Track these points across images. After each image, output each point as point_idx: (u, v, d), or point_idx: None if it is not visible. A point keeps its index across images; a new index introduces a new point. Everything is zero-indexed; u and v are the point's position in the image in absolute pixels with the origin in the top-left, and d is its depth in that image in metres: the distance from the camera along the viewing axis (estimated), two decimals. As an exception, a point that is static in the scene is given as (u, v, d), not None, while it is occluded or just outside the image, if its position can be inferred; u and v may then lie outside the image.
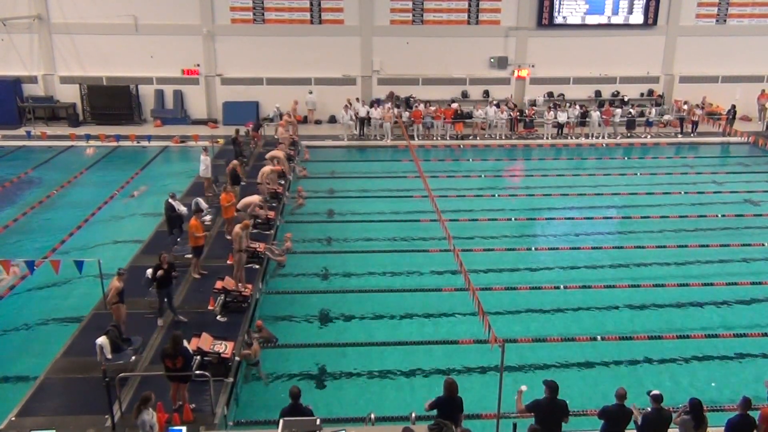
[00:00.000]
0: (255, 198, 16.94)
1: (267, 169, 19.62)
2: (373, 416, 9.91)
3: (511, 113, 29.60)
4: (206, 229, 15.75)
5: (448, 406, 8.79)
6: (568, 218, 20.09)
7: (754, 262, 16.86)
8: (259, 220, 17.27)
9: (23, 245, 17.33)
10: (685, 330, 13.45)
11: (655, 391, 8.88)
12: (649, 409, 8.84)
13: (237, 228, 13.93)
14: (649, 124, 29.59)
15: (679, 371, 12.15)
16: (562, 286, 15.25)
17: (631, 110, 29.76)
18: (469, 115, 29.26)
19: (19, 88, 30.10)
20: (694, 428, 8.62)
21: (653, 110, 29.96)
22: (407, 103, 30.78)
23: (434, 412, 8.90)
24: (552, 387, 8.72)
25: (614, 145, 28.79)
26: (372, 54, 31.09)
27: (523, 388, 9.10)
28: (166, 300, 12.47)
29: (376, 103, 29.84)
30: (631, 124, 29.59)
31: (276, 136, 25.18)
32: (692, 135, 29.57)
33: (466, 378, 11.75)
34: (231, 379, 10.85)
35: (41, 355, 11.98)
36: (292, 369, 12.07)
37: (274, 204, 18.99)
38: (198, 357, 10.77)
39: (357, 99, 29.49)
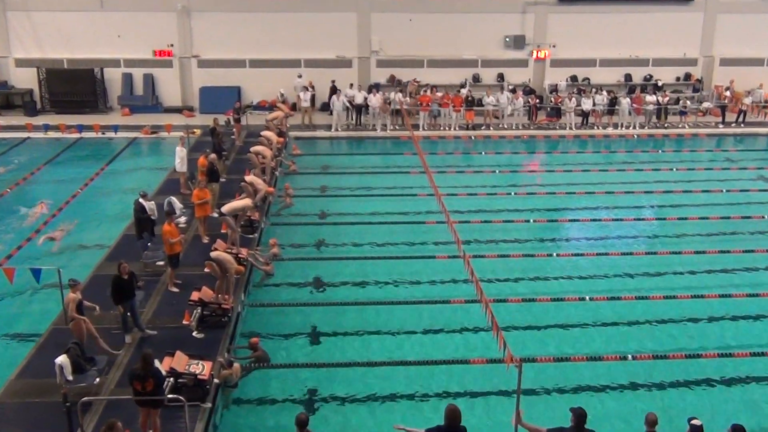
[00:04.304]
0: (248, 201, 16.94)
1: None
2: (371, 446, 9.89)
3: (529, 99, 29.61)
4: (181, 232, 15.71)
5: (449, 437, 8.75)
6: (594, 220, 20.09)
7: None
8: (242, 222, 17.27)
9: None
10: (727, 347, 13.42)
11: (696, 420, 8.86)
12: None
13: (232, 268, 13.76)
14: (683, 112, 29.63)
15: (720, 394, 12.12)
16: (587, 298, 15.24)
17: (665, 97, 29.78)
18: (481, 102, 29.27)
19: (-32, 72, 30.21)
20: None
21: (687, 98, 30.02)
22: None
23: None
24: (579, 414, 8.70)
25: (646, 136, 28.79)
26: (370, 32, 31.13)
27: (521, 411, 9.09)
28: (129, 314, 12.45)
29: (375, 88, 29.85)
30: (666, 113, 29.64)
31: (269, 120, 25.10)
32: (741, 125, 29.59)
33: (478, 402, 11.74)
34: (209, 404, 10.81)
35: (-7, 376, 11.96)
36: (279, 392, 12.03)
37: (258, 203, 18.96)
38: (171, 379, 10.74)
39: (351, 85, 29.49)
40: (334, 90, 29.82)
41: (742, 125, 29.69)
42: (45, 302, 14.48)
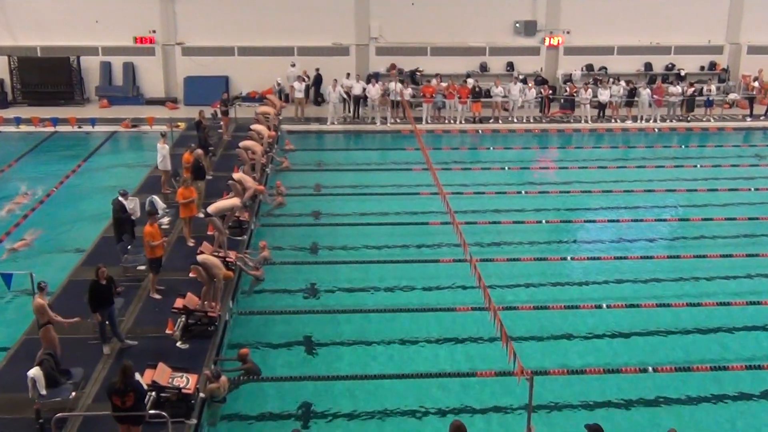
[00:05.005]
0: (236, 200, 16.97)
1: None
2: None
3: (542, 90, 29.62)
4: (164, 234, 15.73)
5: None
6: (612, 221, 20.09)
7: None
8: (230, 223, 17.27)
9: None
10: (756, 359, 13.41)
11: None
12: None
13: (220, 272, 13.74)
14: (709, 104, 29.59)
15: (749, 409, 12.11)
16: (604, 305, 15.22)
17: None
18: (489, 93, 29.29)
19: (-67, 60, 30.21)
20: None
21: (713, 87, 29.97)
22: (412, 78, 30.80)
23: None
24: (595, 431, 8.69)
25: (668, 130, 28.81)
26: (369, 17, 31.13)
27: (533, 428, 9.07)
28: (107, 323, 12.45)
29: (374, 78, 29.84)
30: (690, 104, 29.60)
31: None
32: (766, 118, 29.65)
33: (485, 418, 11.74)
34: (194, 421, 10.83)
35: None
36: (271, 407, 12.02)
37: (248, 203, 18.98)
38: (153, 393, 10.75)
39: (348, 74, 29.47)
40: (319, 79, 29.84)
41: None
42: (16, 310, 14.49)
